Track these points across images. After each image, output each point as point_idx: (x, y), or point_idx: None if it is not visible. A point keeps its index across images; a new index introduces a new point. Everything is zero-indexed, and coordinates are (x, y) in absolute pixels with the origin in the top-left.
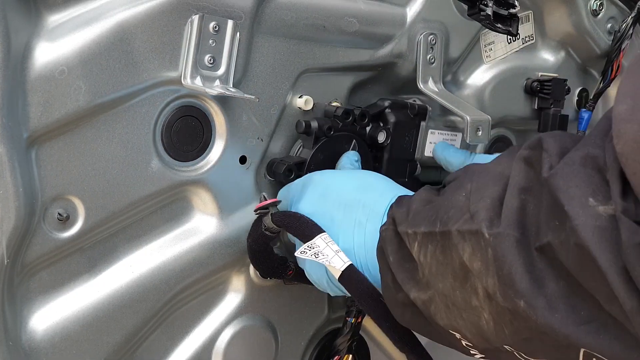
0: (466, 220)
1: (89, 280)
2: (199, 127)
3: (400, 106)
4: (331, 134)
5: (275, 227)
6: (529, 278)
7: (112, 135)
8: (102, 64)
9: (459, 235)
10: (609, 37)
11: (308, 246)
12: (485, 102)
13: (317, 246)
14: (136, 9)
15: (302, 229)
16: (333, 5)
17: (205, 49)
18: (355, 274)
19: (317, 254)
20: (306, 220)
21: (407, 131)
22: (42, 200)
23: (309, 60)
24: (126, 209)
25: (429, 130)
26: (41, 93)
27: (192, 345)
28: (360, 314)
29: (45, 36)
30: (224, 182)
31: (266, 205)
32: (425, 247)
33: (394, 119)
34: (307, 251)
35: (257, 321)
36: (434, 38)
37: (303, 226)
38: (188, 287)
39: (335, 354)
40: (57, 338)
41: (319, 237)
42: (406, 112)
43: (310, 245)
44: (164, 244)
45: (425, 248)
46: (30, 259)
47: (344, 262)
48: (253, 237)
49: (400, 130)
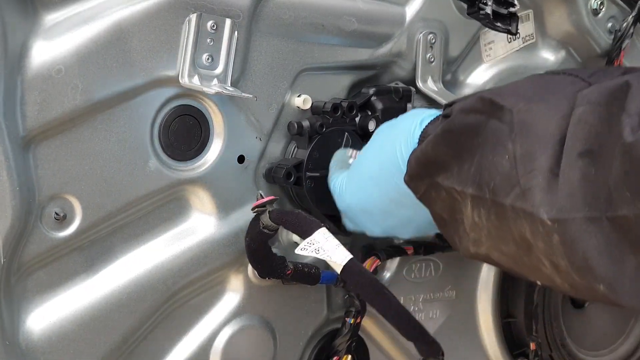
0: (518, 196)
1: (86, 280)
2: (197, 126)
3: (385, 92)
4: (323, 130)
5: (273, 224)
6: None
7: (109, 134)
8: (99, 63)
9: (514, 212)
10: (610, 36)
11: (308, 242)
12: None
13: (317, 242)
14: (133, 7)
15: (301, 225)
16: (332, 4)
17: (203, 47)
18: (357, 267)
19: (317, 250)
20: (304, 217)
21: (395, 115)
22: (39, 200)
23: (308, 60)
24: (123, 208)
25: None
26: (38, 92)
27: (190, 345)
28: (360, 315)
29: (42, 35)
30: (222, 181)
31: (263, 203)
32: (479, 210)
33: (381, 106)
34: (308, 247)
35: (256, 321)
36: (433, 37)
37: (302, 222)
38: (186, 287)
39: (334, 354)
40: (54, 337)
41: (318, 232)
42: (391, 97)
43: (310, 241)
44: (162, 244)
45: (478, 210)
46: (27, 258)
47: (345, 256)
48: (251, 236)
49: (389, 116)
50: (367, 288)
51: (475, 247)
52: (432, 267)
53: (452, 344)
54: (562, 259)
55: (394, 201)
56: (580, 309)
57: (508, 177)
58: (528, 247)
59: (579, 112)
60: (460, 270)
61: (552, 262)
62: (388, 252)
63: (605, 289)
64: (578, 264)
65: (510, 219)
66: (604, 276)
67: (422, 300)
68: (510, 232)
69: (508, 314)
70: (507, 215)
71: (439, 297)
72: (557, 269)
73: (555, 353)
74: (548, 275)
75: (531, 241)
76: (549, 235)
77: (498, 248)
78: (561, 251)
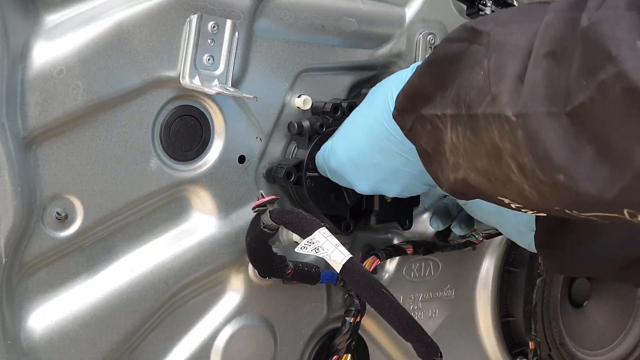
0: (488, 103)
1: (88, 280)
2: (198, 126)
3: None
4: (324, 130)
5: (273, 224)
6: (565, 150)
7: (110, 134)
8: (101, 63)
9: (485, 119)
10: None
11: (308, 241)
12: None
13: (317, 241)
14: (135, 8)
15: (301, 224)
16: (332, 5)
17: (203, 48)
18: (357, 266)
19: (317, 249)
20: (304, 216)
21: None
22: (40, 200)
23: (308, 60)
24: (125, 208)
25: None
26: (39, 92)
27: (190, 344)
28: (359, 314)
29: (43, 35)
30: (222, 181)
31: (264, 203)
32: (456, 129)
33: None
34: (308, 246)
35: (256, 320)
36: (433, 38)
37: (302, 222)
38: (187, 286)
39: (334, 353)
40: (56, 337)
41: (318, 231)
42: None
43: (310, 240)
44: (163, 243)
45: (455, 130)
46: (28, 258)
47: (345, 255)
48: (251, 236)
49: None
50: (366, 287)
51: (454, 173)
52: (432, 267)
53: (452, 343)
54: (526, 155)
55: (383, 150)
56: (579, 308)
57: (482, 89)
58: (498, 154)
59: (545, 19)
60: (460, 270)
61: (519, 164)
62: (388, 251)
63: (564, 178)
64: (540, 156)
65: (483, 128)
66: (563, 165)
67: (422, 300)
68: (483, 143)
69: (507, 313)
70: (479, 126)
71: (438, 296)
72: (524, 171)
73: (554, 352)
74: (517, 184)
75: (500, 145)
76: (514, 131)
77: (474, 165)
78: (525, 146)
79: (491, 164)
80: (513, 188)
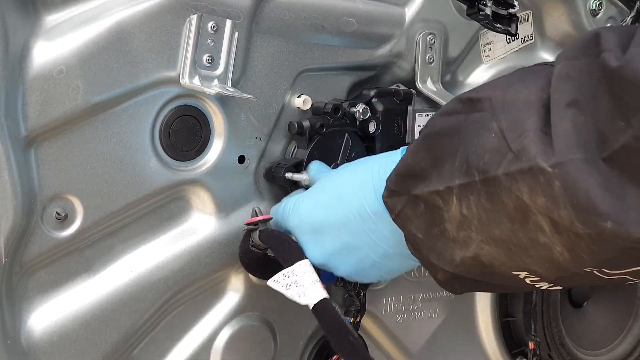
0: (511, 161)
1: (87, 280)
2: (198, 126)
3: (386, 93)
4: (324, 131)
5: (261, 244)
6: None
7: (110, 134)
8: (100, 63)
9: (509, 178)
10: None
11: (284, 274)
12: None
13: (294, 274)
14: (134, 8)
15: (284, 253)
16: (332, 5)
17: (203, 48)
18: (329, 308)
19: (289, 285)
20: (289, 245)
21: (396, 117)
22: (40, 200)
23: (308, 60)
24: (124, 208)
25: (417, 113)
26: (39, 92)
27: (190, 344)
28: (359, 314)
29: (43, 36)
30: (222, 181)
31: (256, 222)
32: (467, 200)
33: (382, 107)
34: (280, 281)
35: (256, 320)
36: (432, 38)
37: (285, 250)
38: (186, 287)
39: (334, 353)
40: (55, 337)
41: (299, 264)
42: (392, 99)
43: (286, 273)
44: (163, 244)
45: (466, 200)
46: (28, 258)
47: (319, 294)
48: (242, 250)
49: (389, 117)
50: (334, 332)
51: (462, 251)
52: None
53: (451, 343)
54: (565, 208)
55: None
56: (579, 308)
57: (497, 150)
58: (524, 216)
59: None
60: None
61: (552, 220)
62: None
63: (612, 225)
64: (581, 205)
65: (505, 190)
66: (609, 212)
67: (422, 300)
68: (503, 207)
69: (507, 313)
70: (499, 189)
71: (438, 296)
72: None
73: (554, 352)
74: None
75: (529, 203)
76: (550, 183)
77: (490, 235)
78: (563, 197)
79: (513, 229)
80: (539, 253)
